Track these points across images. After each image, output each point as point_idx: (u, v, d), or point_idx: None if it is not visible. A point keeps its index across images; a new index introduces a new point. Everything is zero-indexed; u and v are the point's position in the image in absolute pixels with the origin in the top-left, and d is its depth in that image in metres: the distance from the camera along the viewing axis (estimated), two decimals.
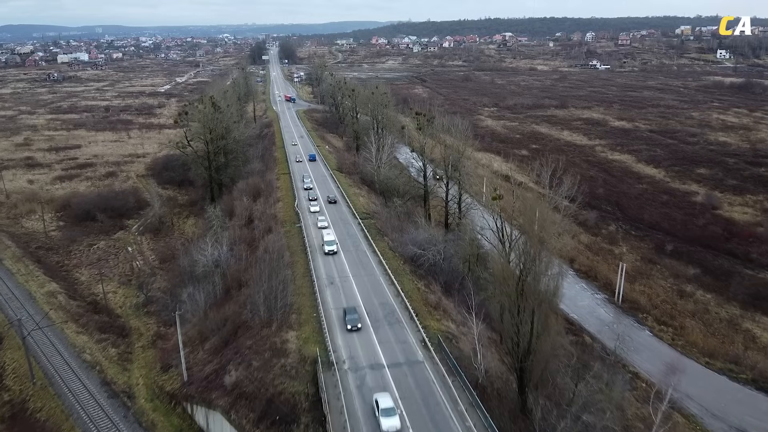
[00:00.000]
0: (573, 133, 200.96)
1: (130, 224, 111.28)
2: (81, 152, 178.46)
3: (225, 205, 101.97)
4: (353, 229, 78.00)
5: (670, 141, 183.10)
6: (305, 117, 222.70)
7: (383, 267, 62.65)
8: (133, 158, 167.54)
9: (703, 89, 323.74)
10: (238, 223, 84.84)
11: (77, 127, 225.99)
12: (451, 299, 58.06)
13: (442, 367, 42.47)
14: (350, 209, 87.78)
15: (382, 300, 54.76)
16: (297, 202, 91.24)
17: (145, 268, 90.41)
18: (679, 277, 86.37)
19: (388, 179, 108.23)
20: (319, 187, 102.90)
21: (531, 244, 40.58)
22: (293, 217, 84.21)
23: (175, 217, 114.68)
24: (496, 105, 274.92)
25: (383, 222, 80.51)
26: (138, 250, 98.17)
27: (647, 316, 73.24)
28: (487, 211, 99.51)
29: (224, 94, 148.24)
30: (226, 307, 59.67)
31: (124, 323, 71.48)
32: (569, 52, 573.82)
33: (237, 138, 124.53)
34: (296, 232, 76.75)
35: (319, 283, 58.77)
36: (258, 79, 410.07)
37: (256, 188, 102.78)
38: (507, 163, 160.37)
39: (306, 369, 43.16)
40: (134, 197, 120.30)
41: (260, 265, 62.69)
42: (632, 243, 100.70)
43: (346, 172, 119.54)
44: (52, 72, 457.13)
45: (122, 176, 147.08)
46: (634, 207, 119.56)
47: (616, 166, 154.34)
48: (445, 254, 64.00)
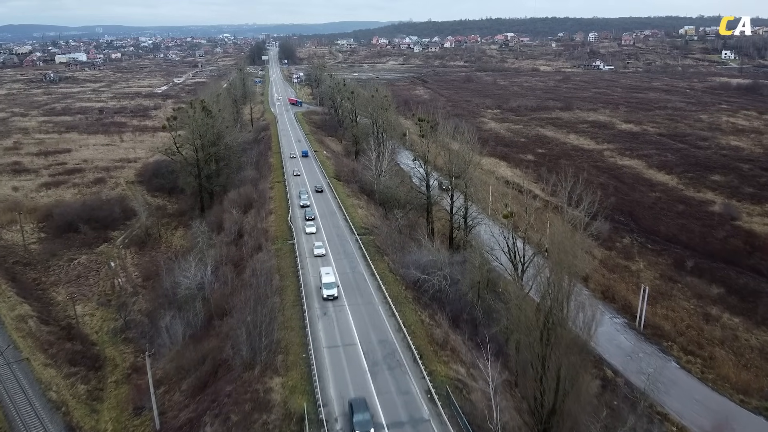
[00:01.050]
0: (579, 137, 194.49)
1: (115, 236, 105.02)
2: (71, 157, 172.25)
3: (215, 216, 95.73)
4: (350, 247, 71.61)
5: (680, 145, 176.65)
6: (304, 119, 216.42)
7: (383, 293, 56.30)
8: (123, 163, 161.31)
9: (710, 91, 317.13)
10: (226, 239, 78.55)
11: (69, 129, 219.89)
12: (459, 332, 51.71)
13: (451, 429, 36.02)
14: (348, 223, 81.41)
15: (382, 336, 48.34)
16: (291, 215, 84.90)
17: (127, 286, 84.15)
18: (703, 297, 79.94)
19: (389, 188, 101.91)
20: (315, 200, 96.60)
21: (558, 280, 34.15)
22: (286, 232, 77.84)
23: (163, 228, 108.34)
24: (499, 107, 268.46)
25: (383, 238, 74.18)
26: (121, 265, 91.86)
27: (672, 345, 66.82)
28: (493, 222, 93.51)
29: (217, 98, 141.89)
30: (207, 341, 53.36)
31: (98, 352, 65.22)
32: (572, 52, 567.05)
33: (229, 144, 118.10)
34: (288, 250, 70.41)
35: (310, 314, 52.35)
36: (257, 80, 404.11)
37: (248, 198, 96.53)
38: (513, 169, 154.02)
39: (291, 430, 36.78)
40: (121, 206, 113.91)
41: (246, 292, 56.52)
42: (649, 258, 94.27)
43: (344, 180, 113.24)
44: (48, 73, 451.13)
45: (111, 183, 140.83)
46: (649, 217, 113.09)
47: (627, 172, 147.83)
48: (451, 279, 57.66)
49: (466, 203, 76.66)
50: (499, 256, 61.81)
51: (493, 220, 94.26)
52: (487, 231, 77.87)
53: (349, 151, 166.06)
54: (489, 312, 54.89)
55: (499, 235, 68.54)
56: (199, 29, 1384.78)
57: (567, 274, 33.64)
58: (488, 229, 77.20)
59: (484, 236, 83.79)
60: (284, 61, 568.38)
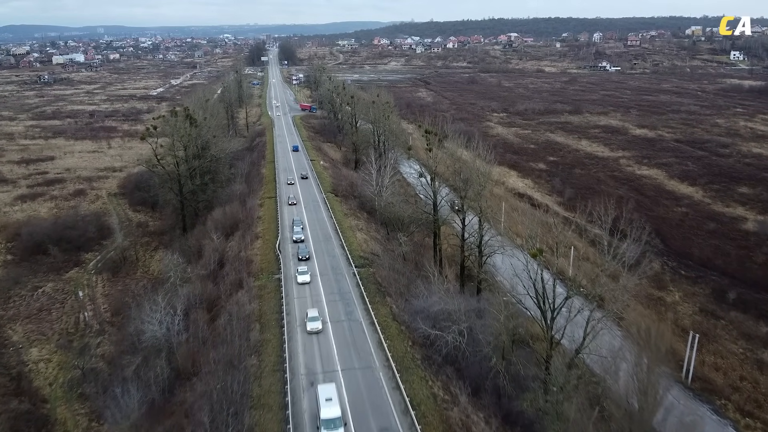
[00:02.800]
0: (592, 143, 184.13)
1: (87, 259, 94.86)
2: (53, 165, 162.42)
3: (195, 239, 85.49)
4: (346, 284, 61.25)
5: (700, 153, 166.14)
6: (301, 124, 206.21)
7: (384, 353, 46.01)
8: (108, 172, 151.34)
9: (722, 93, 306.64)
10: (204, 271, 68.22)
11: (57, 135, 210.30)
12: (480, 407, 41.35)
13: None
14: (344, 250, 71.16)
15: (384, 422, 37.83)
16: (279, 241, 74.63)
17: (93, 322, 73.99)
18: (752, 338, 69.55)
19: (391, 206, 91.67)
20: (309, 221, 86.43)
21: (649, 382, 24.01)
22: (272, 263, 67.57)
23: (142, 248, 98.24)
24: (506, 110, 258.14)
25: (385, 273, 63.86)
26: (90, 295, 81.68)
27: (726, 403, 56.44)
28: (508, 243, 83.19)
29: (205, 104, 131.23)
30: (166, 417, 43.04)
31: (48, 413, 55.01)
32: (577, 53, 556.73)
33: (217, 156, 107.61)
34: (273, 288, 60.12)
35: (292, 385, 42.03)
36: (255, 81, 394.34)
37: (233, 219, 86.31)
38: (524, 179, 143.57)
39: None
40: (97, 224, 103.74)
41: (217, 349, 46.31)
42: (684, 287, 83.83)
43: (342, 195, 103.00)
44: (43, 74, 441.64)
45: (91, 195, 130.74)
46: (678, 237, 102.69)
47: (647, 183, 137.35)
48: (468, 334, 47.34)
49: (481, 230, 66.09)
50: (521, 294, 51.75)
51: (509, 241, 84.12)
52: (505, 262, 67.55)
53: (349, 160, 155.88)
54: (517, 378, 44.50)
55: (520, 267, 58.63)
56: (200, 29, 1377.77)
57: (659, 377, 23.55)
58: (507, 260, 66.83)
59: (502, 267, 73.69)
60: (284, 62, 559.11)
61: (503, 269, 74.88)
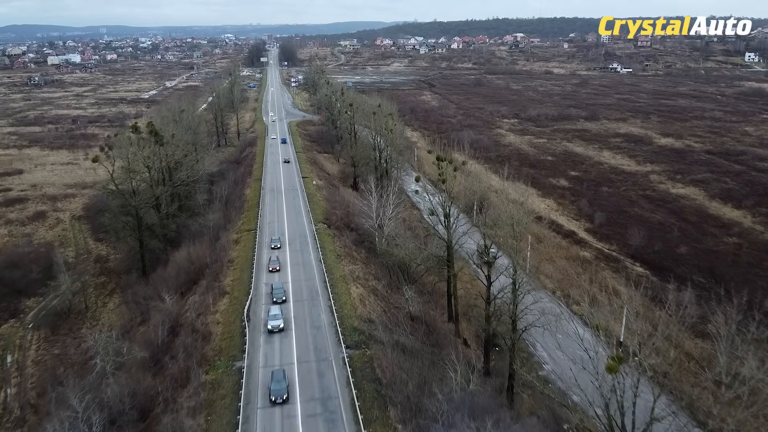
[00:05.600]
0: (615, 155, 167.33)
1: (28, 307, 78.66)
2: (20, 180, 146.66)
3: (153, 286, 69.01)
4: (334, 386, 44.04)
5: (737, 167, 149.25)
6: (297, 132, 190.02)
7: None
8: (77, 189, 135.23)
9: (743, 97, 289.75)
10: (146, 351, 51.69)
11: (33, 143, 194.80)
12: None
13: None
14: (333, 317, 54.69)
15: None
16: (250, 300, 58.21)
17: (15, 404, 57.71)
18: None
19: (394, 245, 75.31)
20: (293, 268, 70.07)
21: None
22: (236, 338, 51.10)
23: (96, 292, 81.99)
24: (516, 115, 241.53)
25: (387, 359, 47.21)
26: (20, 362, 65.45)
27: None
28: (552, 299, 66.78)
29: (180, 115, 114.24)
30: None
31: None
32: (586, 54, 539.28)
33: (189, 178, 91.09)
34: (230, 389, 43.59)
35: None
36: (252, 84, 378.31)
37: (199, 263, 70.03)
38: (545, 199, 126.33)
39: None
40: (45, 261, 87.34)
41: None
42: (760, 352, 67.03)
43: (335, 226, 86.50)
44: (33, 76, 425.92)
45: (52, 219, 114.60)
46: (738, 278, 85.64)
47: (686, 205, 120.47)
48: None
49: (515, 296, 49.33)
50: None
51: (540, 285, 67.75)
52: (550, 340, 51.09)
53: (347, 175, 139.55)
54: None
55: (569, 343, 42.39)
56: (202, 30, 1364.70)
57: None
58: (553, 338, 50.39)
59: (543, 355, 57.08)
60: (284, 63, 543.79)
61: (540, 335, 58.51)
